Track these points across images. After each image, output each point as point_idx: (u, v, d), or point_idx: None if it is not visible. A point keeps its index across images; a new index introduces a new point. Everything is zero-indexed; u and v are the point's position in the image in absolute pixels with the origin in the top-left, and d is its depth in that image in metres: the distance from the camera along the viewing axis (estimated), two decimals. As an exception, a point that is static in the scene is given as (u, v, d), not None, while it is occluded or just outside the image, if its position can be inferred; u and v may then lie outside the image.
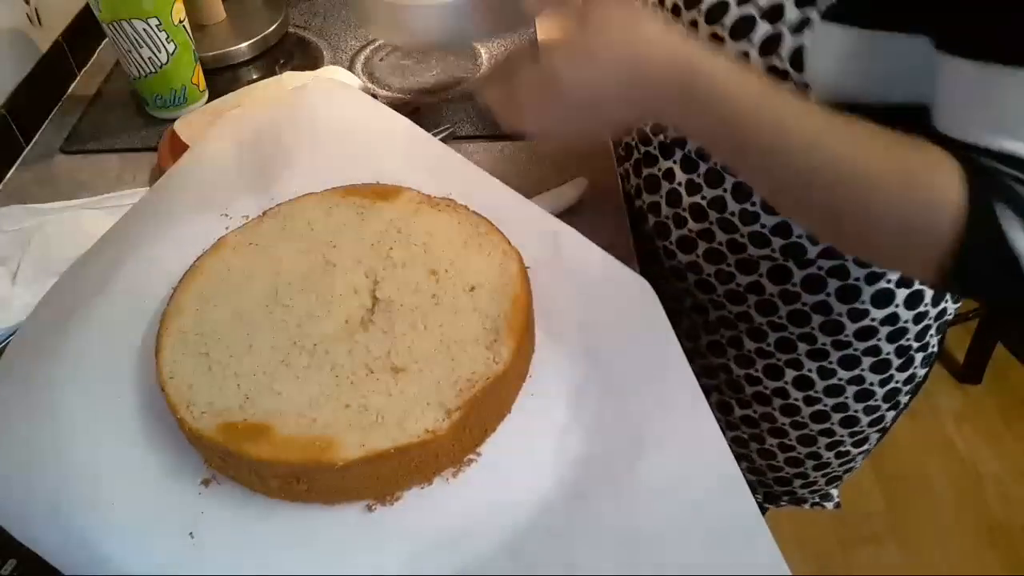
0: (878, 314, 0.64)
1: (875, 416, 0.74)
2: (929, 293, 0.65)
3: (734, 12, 0.53)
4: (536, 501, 0.47)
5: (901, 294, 0.64)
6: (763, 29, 0.52)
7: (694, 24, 0.56)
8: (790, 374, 0.71)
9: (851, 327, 0.65)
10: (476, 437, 0.50)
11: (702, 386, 0.52)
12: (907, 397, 0.74)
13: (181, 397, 0.50)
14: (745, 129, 0.46)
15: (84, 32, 1.01)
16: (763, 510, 0.93)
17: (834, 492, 0.88)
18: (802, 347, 0.68)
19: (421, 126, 0.73)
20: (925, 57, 0.46)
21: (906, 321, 0.66)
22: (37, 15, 0.93)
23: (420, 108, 0.86)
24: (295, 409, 0.49)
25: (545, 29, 0.52)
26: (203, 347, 0.53)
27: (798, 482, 0.83)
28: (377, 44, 0.99)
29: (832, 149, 0.45)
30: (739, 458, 0.81)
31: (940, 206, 0.43)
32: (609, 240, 0.71)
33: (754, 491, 0.85)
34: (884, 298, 0.64)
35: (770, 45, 0.51)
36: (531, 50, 0.51)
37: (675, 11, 0.58)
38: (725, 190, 0.62)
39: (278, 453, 0.46)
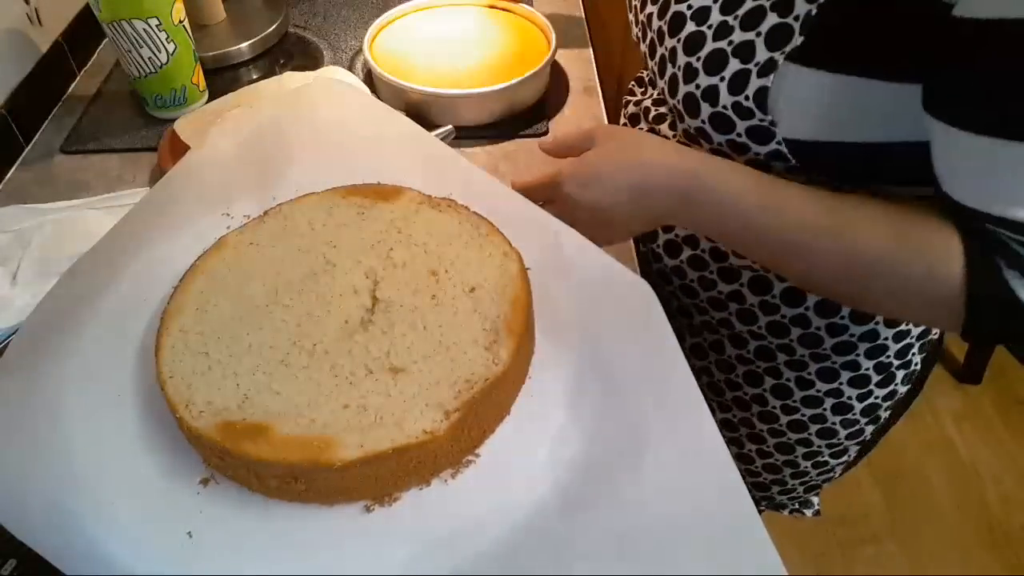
0: (857, 330, 0.64)
1: (854, 429, 0.74)
2: None
3: (709, 45, 0.54)
4: (534, 502, 0.47)
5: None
6: (734, 67, 0.53)
7: (674, 52, 0.57)
8: (769, 382, 0.71)
9: (829, 341, 0.66)
10: (475, 438, 0.50)
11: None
12: (887, 413, 0.74)
13: (180, 396, 0.50)
14: (751, 226, 0.52)
15: (84, 32, 1.01)
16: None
17: (814, 500, 0.88)
18: (781, 357, 0.69)
19: (422, 126, 0.73)
20: (893, 100, 0.48)
21: (886, 338, 0.66)
22: (37, 15, 0.93)
23: (422, 107, 0.86)
24: (294, 409, 0.49)
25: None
26: (203, 346, 0.53)
27: (776, 488, 0.84)
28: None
29: (835, 240, 0.49)
30: None
31: (943, 278, 0.46)
32: (608, 240, 0.71)
33: None
34: (863, 314, 0.64)
35: (738, 83, 0.53)
36: (548, 178, 0.60)
37: (660, 37, 0.59)
38: None
39: (277, 453, 0.46)
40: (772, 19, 0.50)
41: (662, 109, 0.69)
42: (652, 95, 0.71)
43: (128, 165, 0.86)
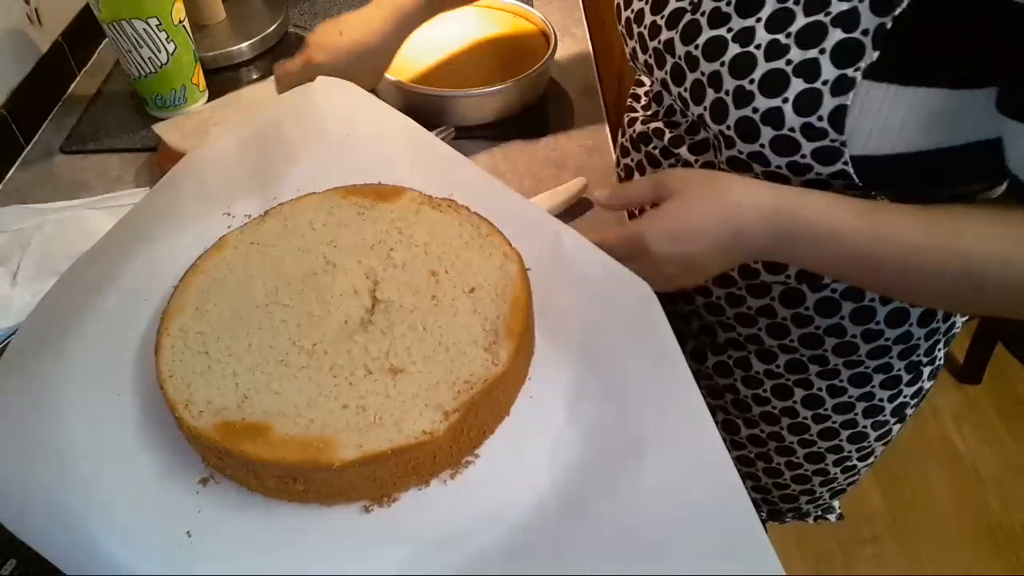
0: (892, 333, 0.64)
1: (883, 431, 0.74)
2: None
3: (763, 66, 0.52)
4: (534, 503, 0.47)
5: (915, 312, 0.63)
6: (797, 86, 0.51)
7: (716, 76, 0.55)
8: (799, 393, 0.70)
9: (865, 347, 0.65)
10: (474, 439, 0.50)
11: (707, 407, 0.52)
12: (912, 410, 0.74)
13: (180, 396, 0.50)
14: (856, 255, 0.50)
15: (84, 32, 1.01)
16: (765, 527, 0.94)
17: (836, 504, 0.88)
18: (813, 368, 0.68)
19: (423, 125, 0.73)
20: (962, 105, 0.48)
21: (918, 338, 0.65)
22: (37, 15, 0.93)
23: (422, 107, 0.86)
24: (293, 409, 0.49)
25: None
26: (203, 346, 0.53)
27: (804, 498, 0.83)
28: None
29: (946, 256, 0.48)
30: (744, 477, 0.82)
31: None
32: (608, 240, 0.71)
33: (758, 509, 0.86)
34: (898, 317, 0.63)
35: (807, 103, 0.51)
36: (627, 236, 0.56)
37: (691, 63, 0.57)
38: None
39: (275, 453, 0.46)
40: (837, 35, 0.49)
41: (677, 131, 0.66)
42: (658, 112, 0.69)
43: (128, 165, 0.86)
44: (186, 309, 0.56)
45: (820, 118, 0.50)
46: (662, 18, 0.59)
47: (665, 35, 0.59)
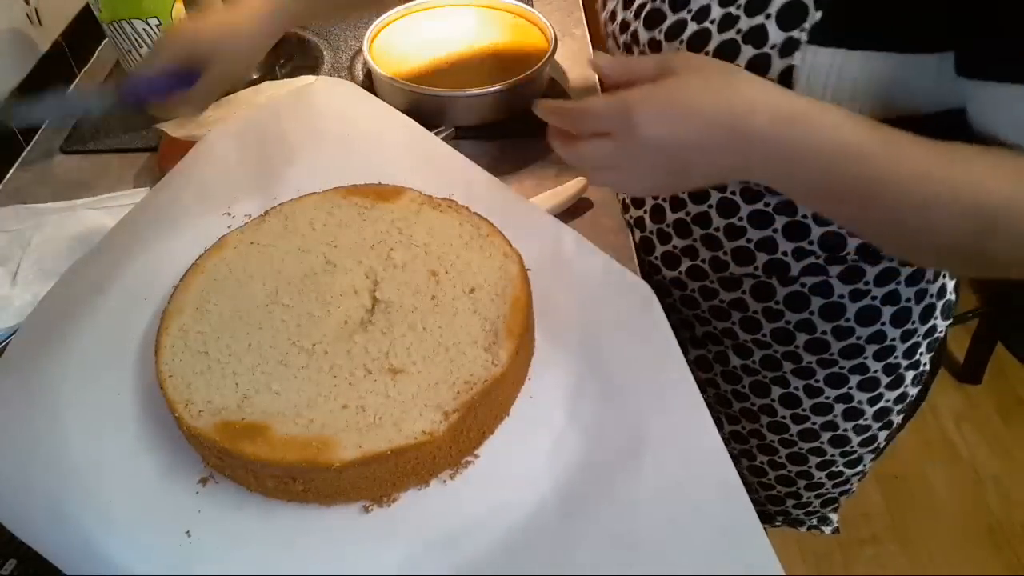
0: (863, 332, 0.64)
1: (866, 436, 0.73)
2: (917, 310, 0.64)
3: (716, 39, 0.52)
4: (533, 503, 0.47)
5: (887, 312, 0.63)
6: (748, 53, 0.51)
7: (660, 48, 0.56)
8: (776, 391, 0.70)
9: (836, 345, 0.65)
10: (474, 439, 0.50)
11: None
12: (899, 417, 0.73)
13: (180, 395, 0.50)
14: (863, 176, 0.44)
15: (84, 32, 1.01)
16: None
17: (833, 516, 0.87)
18: (787, 365, 0.68)
19: (423, 125, 0.73)
20: (915, 73, 0.47)
21: (893, 339, 0.65)
22: (37, 15, 0.93)
23: (422, 107, 0.86)
24: (293, 409, 0.49)
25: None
26: (203, 346, 0.53)
27: (791, 502, 0.82)
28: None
29: (956, 190, 0.43)
30: None
31: None
32: (609, 241, 0.71)
33: None
34: (869, 316, 0.63)
35: (756, 68, 0.50)
36: (615, 104, 0.46)
37: (655, 47, 0.57)
38: (710, 206, 0.62)
39: (275, 453, 0.46)
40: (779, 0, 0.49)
41: None
42: None
43: (128, 165, 0.86)
44: (186, 309, 0.56)
45: (771, 81, 0.48)
46: (630, 12, 0.60)
47: (632, 26, 0.59)
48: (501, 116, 0.87)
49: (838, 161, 0.44)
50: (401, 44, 0.93)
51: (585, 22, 1.08)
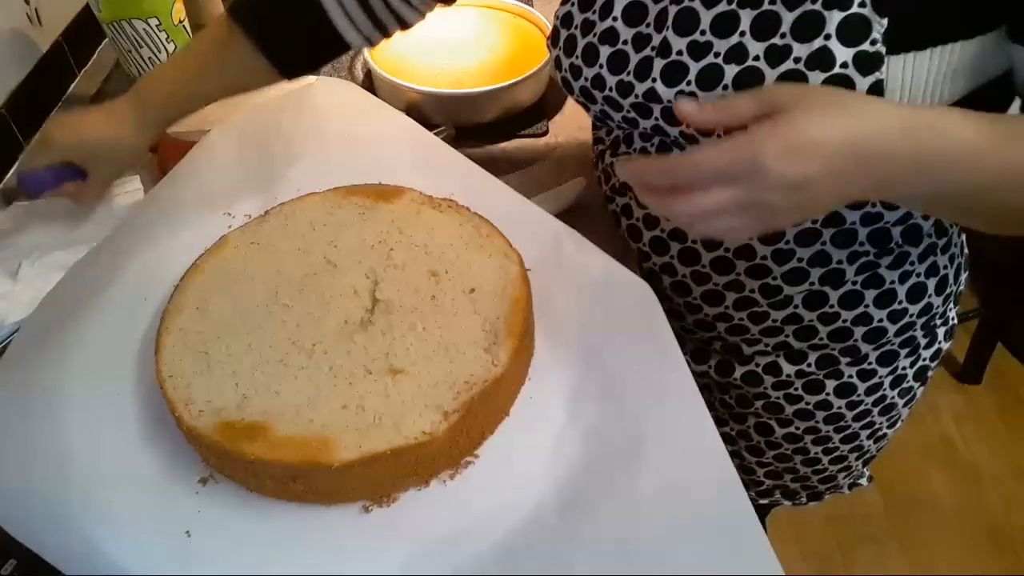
0: (914, 308, 0.66)
1: (908, 397, 0.75)
2: (951, 274, 0.66)
3: (770, 74, 0.50)
4: (533, 503, 0.47)
5: (931, 282, 0.65)
6: (817, 78, 0.48)
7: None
8: (831, 385, 0.71)
9: (892, 328, 0.66)
10: (474, 439, 0.50)
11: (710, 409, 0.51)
12: (932, 372, 0.74)
13: (180, 395, 0.50)
14: (986, 169, 0.43)
15: (84, 32, 1.01)
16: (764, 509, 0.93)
17: (866, 470, 0.88)
18: (844, 359, 0.69)
19: (423, 125, 0.73)
20: (983, 49, 0.48)
21: (937, 306, 0.67)
22: (37, 15, 0.93)
23: (422, 107, 0.86)
24: (293, 409, 0.49)
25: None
26: (203, 346, 0.53)
27: (842, 475, 0.84)
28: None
29: None
30: (783, 472, 0.81)
31: None
32: (609, 240, 0.71)
33: (795, 497, 0.87)
34: (918, 292, 0.65)
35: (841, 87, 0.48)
36: (736, 149, 0.43)
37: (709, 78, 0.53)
38: None
39: (275, 453, 0.46)
40: (835, 16, 0.47)
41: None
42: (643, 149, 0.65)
43: (128, 165, 0.85)
44: (186, 309, 0.56)
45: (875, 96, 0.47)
46: (628, 74, 0.56)
47: (640, 87, 0.55)
48: (501, 116, 0.87)
49: (971, 159, 0.43)
50: (401, 44, 0.93)
51: (585, 22, 1.08)
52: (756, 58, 0.50)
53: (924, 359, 0.72)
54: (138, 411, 0.53)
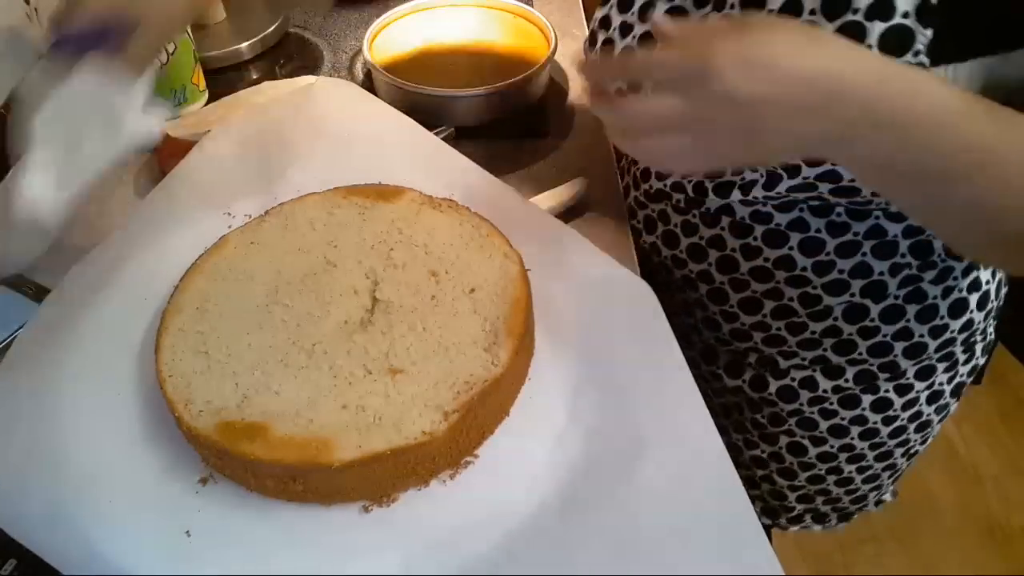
0: (955, 324, 0.65)
1: (944, 413, 0.75)
2: (992, 288, 0.66)
3: None
4: (533, 504, 0.47)
5: (973, 297, 0.64)
6: None
7: None
8: (867, 400, 0.70)
9: (932, 344, 0.66)
10: (474, 439, 0.50)
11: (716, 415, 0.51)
12: (968, 387, 0.74)
13: (179, 395, 0.50)
14: (980, 144, 0.40)
15: (84, 31, 1.01)
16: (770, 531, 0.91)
17: (890, 487, 0.87)
18: (882, 375, 0.68)
19: (423, 125, 0.73)
20: (1013, 62, 0.46)
21: (978, 322, 0.66)
22: (37, 15, 0.93)
23: (422, 107, 0.86)
24: (292, 409, 0.49)
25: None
26: (202, 345, 0.53)
27: (873, 493, 0.83)
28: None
29: None
30: (816, 494, 0.79)
31: None
32: (609, 240, 0.71)
33: (824, 521, 0.85)
34: (959, 307, 0.64)
35: None
36: (690, 52, 0.40)
37: None
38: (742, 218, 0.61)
39: (274, 453, 0.46)
40: (877, 27, 0.45)
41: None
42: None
43: (128, 165, 0.85)
44: (186, 309, 0.56)
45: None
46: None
47: None
48: (501, 116, 0.87)
49: (944, 128, 0.39)
50: (401, 44, 0.93)
51: (585, 22, 1.08)
52: None
53: (961, 375, 0.71)
54: (138, 411, 0.53)
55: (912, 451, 0.78)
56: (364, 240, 0.60)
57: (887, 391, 0.69)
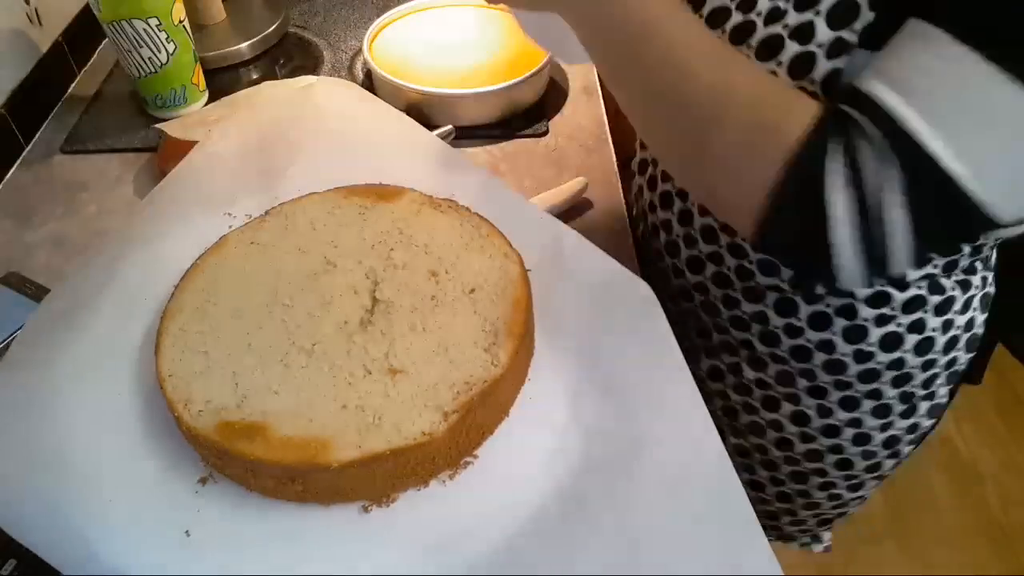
0: (884, 358, 0.63)
1: (872, 462, 0.72)
2: (941, 340, 0.63)
3: (761, 31, 0.52)
4: (533, 504, 0.47)
5: (911, 339, 0.62)
6: (792, 49, 0.49)
7: None
8: (787, 408, 0.69)
9: (854, 368, 0.64)
10: (473, 440, 0.50)
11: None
12: (909, 447, 0.72)
13: (179, 395, 0.50)
14: (642, 30, 0.47)
15: (84, 32, 1.01)
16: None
17: (825, 535, 0.87)
18: (802, 382, 0.67)
19: (423, 125, 0.73)
20: None
21: (913, 367, 0.64)
22: (37, 15, 0.93)
23: (422, 107, 0.86)
24: (292, 409, 0.49)
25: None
26: (202, 345, 0.53)
27: (786, 518, 0.82)
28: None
29: (712, 66, 0.46)
30: None
31: (785, 131, 0.43)
32: (609, 240, 0.71)
33: None
34: (892, 342, 0.62)
35: (800, 66, 0.49)
36: None
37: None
38: None
39: (274, 453, 0.46)
40: None
41: None
42: None
43: (128, 165, 0.86)
44: (186, 309, 0.56)
45: (812, 81, 0.48)
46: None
47: None
48: (501, 116, 0.87)
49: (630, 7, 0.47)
50: (401, 44, 0.93)
51: (585, 22, 1.08)
52: (758, 13, 0.52)
53: (898, 428, 0.69)
54: (138, 411, 0.53)
55: (836, 494, 0.76)
56: (364, 240, 0.60)
57: (808, 406, 0.68)
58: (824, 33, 0.48)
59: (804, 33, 0.49)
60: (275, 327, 0.54)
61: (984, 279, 0.63)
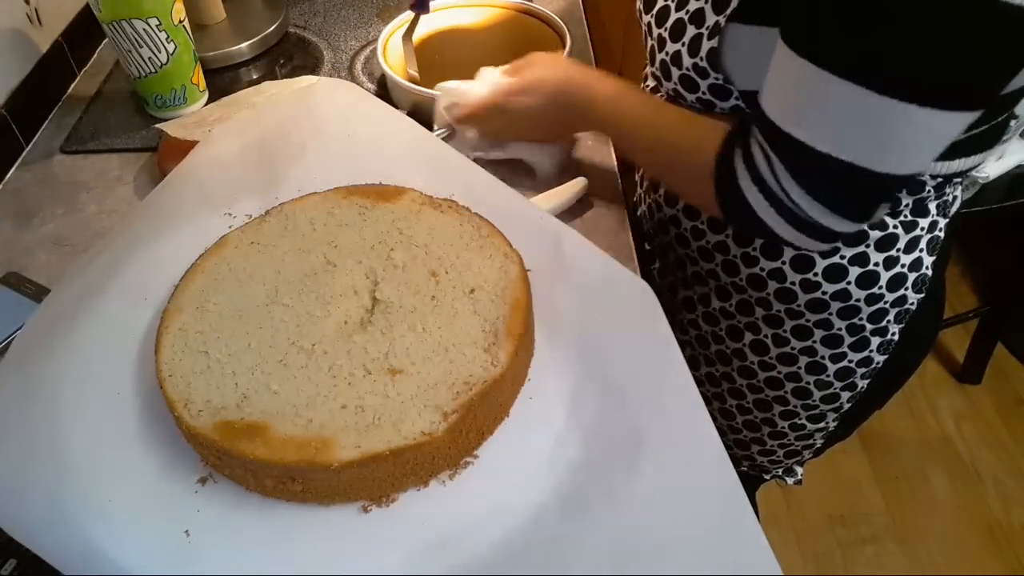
0: (829, 288, 0.67)
1: (828, 392, 0.76)
2: (885, 276, 0.66)
3: (672, 16, 0.63)
4: (532, 504, 0.47)
5: (853, 272, 0.66)
6: (691, 32, 0.61)
7: (650, 26, 0.67)
8: (748, 337, 0.74)
9: (803, 297, 0.68)
10: (473, 440, 0.50)
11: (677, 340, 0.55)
12: (864, 382, 0.75)
13: (179, 395, 0.50)
14: (609, 119, 0.68)
15: (84, 32, 1.01)
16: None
17: (798, 469, 0.92)
18: (759, 311, 0.72)
19: (423, 125, 0.73)
20: None
21: (858, 299, 0.67)
22: (37, 15, 0.93)
23: (422, 107, 0.86)
24: (292, 409, 0.49)
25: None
26: (202, 345, 0.53)
27: (756, 447, 0.86)
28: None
29: (656, 127, 0.64)
30: None
31: (706, 152, 0.57)
32: (609, 240, 0.71)
33: None
34: (835, 273, 0.66)
35: (694, 47, 0.60)
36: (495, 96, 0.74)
37: (649, 27, 0.67)
38: None
39: (274, 453, 0.46)
40: None
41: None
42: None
43: (128, 165, 0.86)
44: (186, 309, 0.56)
45: (702, 59, 0.60)
46: (702, 59, 0.64)
47: (655, 32, 0.67)
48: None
49: (592, 109, 0.68)
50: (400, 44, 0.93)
51: (585, 22, 1.08)
52: (679, 7, 0.63)
53: (850, 360, 0.72)
54: (137, 410, 0.53)
55: (799, 424, 0.81)
56: (364, 240, 0.60)
57: (765, 336, 0.74)
58: (710, 18, 0.59)
59: (699, 18, 0.60)
60: (275, 327, 0.54)
61: (934, 223, 0.66)
